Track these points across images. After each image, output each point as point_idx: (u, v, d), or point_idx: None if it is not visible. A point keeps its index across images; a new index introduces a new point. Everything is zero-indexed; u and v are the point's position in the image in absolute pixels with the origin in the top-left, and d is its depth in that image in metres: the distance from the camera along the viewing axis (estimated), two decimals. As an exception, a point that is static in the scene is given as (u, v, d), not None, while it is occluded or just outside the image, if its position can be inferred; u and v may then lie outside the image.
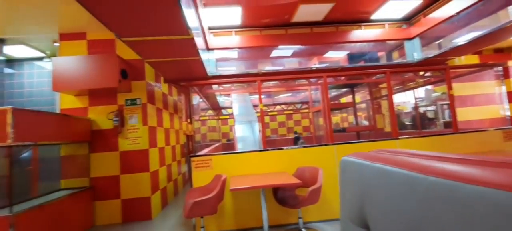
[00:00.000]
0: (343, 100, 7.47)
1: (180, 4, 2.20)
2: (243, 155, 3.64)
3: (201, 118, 8.24)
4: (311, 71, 5.00)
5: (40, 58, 5.43)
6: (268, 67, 5.62)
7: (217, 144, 7.57)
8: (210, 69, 4.38)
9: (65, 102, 4.35)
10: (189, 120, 7.54)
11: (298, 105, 9.36)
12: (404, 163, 0.52)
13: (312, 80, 5.23)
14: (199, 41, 3.29)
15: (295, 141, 7.55)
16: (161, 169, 4.90)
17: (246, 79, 4.39)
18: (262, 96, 4.03)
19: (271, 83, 5.83)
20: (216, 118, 9.85)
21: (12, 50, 4.97)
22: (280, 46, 5.07)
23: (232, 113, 7.46)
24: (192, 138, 7.83)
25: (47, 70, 5.38)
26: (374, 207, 0.58)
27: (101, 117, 4.33)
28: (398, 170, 0.50)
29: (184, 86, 4.48)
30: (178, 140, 6.44)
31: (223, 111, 9.23)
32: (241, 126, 5.59)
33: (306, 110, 9.88)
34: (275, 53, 5.40)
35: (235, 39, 4.77)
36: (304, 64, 5.79)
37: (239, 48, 4.83)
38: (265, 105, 8.10)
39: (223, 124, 10.69)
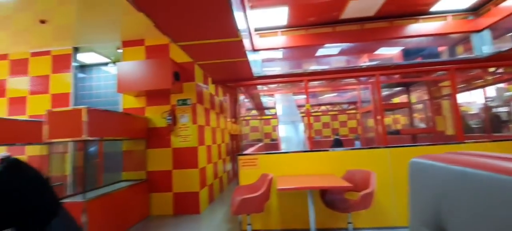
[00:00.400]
0: (396, 100, 6.92)
1: (232, 9, 2.27)
2: (289, 155, 3.61)
3: (246, 118, 8.42)
4: (361, 69, 4.73)
5: (106, 64, 6.10)
6: (314, 67, 5.48)
7: (260, 144, 7.65)
8: (256, 70, 4.45)
9: (127, 102, 4.83)
10: (233, 120, 7.76)
11: (345, 106, 8.96)
12: (487, 165, 0.49)
13: (362, 79, 4.96)
14: (246, 43, 3.36)
15: (335, 144, 7.19)
16: (208, 166, 5.13)
17: (292, 79, 4.35)
18: (304, 97, 3.95)
19: (316, 82, 5.69)
20: (258, 118, 9.97)
21: (84, 57, 5.67)
22: (326, 45, 4.91)
23: (275, 114, 7.47)
24: (236, 137, 8.04)
25: (111, 74, 6.02)
26: (455, 211, 0.55)
27: (156, 115, 4.70)
28: (481, 172, 0.47)
29: (231, 86, 4.62)
30: (223, 138, 6.67)
31: (266, 111, 9.29)
32: (285, 126, 5.55)
33: (353, 111, 9.40)
34: (320, 52, 5.25)
35: (280, 40, 4.76)
36: (352, 63, 5.52)
37: (284, 48, 4.80)
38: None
39: (265, 124, 10.78)
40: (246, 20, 3.46)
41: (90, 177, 4.92)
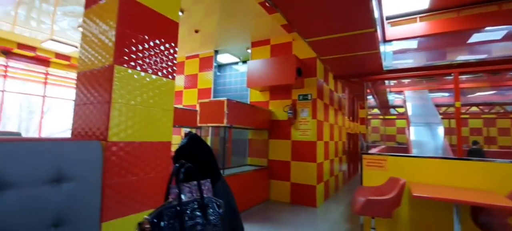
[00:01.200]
0: None
1: (371, -5, 2.15)
2: (427, 161, 3.09)
3: (368, 117, 7.80)
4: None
5: (236, 63, 7.05)
6: (464, 57, 4.43)
7: (382, 146, 6.90)
8: (385, 63, 4.03)
9: (253, 96, 5.42)
10: (351, 117, 7.34)
11: (510, 108, 6.79)
12: None
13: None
14: (377, 33, 3.09)
15: (472, 153, 5.51)
16: (325, 162, 5.09)
17: (436, 72, 3.66)
18: (445, 95, 3.24)
19: (463, 77, 4.60)
20: (380, 117, 9.01)
21: (221, 58, 6.75)
22: (487, 28, 3.86)
23: (403, 113, 6.55)
24: (353, 136, 7.59)
25: (239, 72, 6.91)
26: None
27: (278, 109, 5.05)
28: None
29: (354, 82, 4.38)
30: (340, 136, 6.44)
31: (391, 110, 8.27)
32: (418, 128, 4.79)
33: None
34: (476, 37, 4.18)
35: (417, 27, 4.11)
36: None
37: (423, 36, 4.11)
38: (450, 105, 6.45)
39: (389, 125, 9.60)
40: (379, 7, 3.18)
41: (222, 158, 5.86)
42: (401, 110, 7.74)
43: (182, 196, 1.00)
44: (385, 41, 4.03)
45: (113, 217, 1.35)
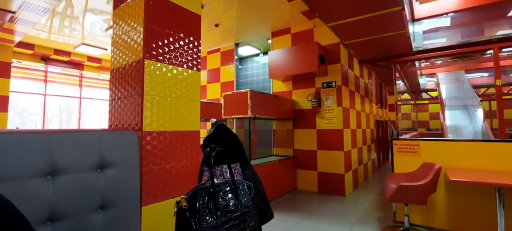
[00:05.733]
0: None
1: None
2: (464, 144, 2.90)
3: (398, 103, 7.46)
4: None
5: (257, 55, 7.05)
6: (505, 31, 4.05)
7: (414, 132, 6.58)
8: (415, 44, 3.80)
9: (276, 86, 5.40)
10: (379, 104, 7.07)
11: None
12: None
13: None
14: (405, 12, 2.92)
15: None
16: (353, 150, 4.96)
17: (472, 49, 3.38)
18: (484, 75, 2.99)
19: (504, 53, 4.22)
20: (411, 102, 8.56)
21: (242, 51, 6.78)
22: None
23: (435, 97, 6.19)
24: (382, 123, 7.31)
25: (261, 63, 6.90)
26: None
27: (302, 98, 4.99)
28: None
29: (381, 66, 4.20)
30: (368, 124, 6.24)
31: (423, 95, 7.82)
32: (453, 112, 4.51)
33: None
34: (519, 9, 3.80)
35: (450, 2, 3.81)
36: None
37: (456, 11, 3.81)
38: (490, 86, 5.93)
39: (421, 111, 9.09)
40: (406, -16, 3.00)
41: (248, 150, 5.94)
42: (434, 94, 7.30)
43: (214, 179, 1.04)
44: (414, 20, 3.79)
45: (152, 201, 1.44)
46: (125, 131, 1.38)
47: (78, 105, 8.17)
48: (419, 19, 3.84)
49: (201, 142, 1.49)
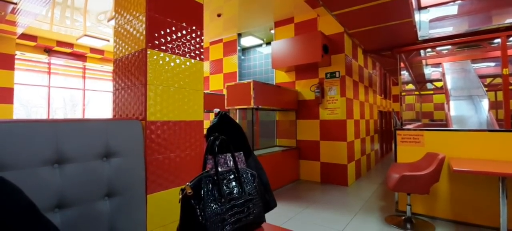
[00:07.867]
0: None
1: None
2: (468, 134, 2.89)
3: (402, 94, 7.40)
4: None
5: (260, 45, 6.99)
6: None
7: (418, 123, 6.55)
8: (421, 33, 3.74)
9: (279, 77, 5.38)
10: (382, 95, 7.02)
11: None
12: None
13: None
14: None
15: None
16: (356, 141, 4.96)
17: (479, 37, 3.31)
18: (491, 64, 2.95)
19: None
20: (415, 93, 8.48)
21: (245, 41, 6.73)
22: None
23: (440, 88, 6.13)
24: (385, 114, 7.28)
25: (264, 54, 6.85)
26: None
27: (305, 89, 4.97)
28: None
29: (386, 56, 4.15)
30: (372, 114, 6.21)
31: (428, 85, 7.74)
32: (458, 102, 4.47)
33: None
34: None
35: (457, -11, 3.73)
36: None
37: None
38: (497, 76, 5.84)
39: (425, 101, 9.02)
40: (413, -29, 2.93)
41: (251, 140, 5.97)
42: (439, 84, 7.22)
43: (218, 167, 1.05)
44: (420, 8, 3.72)
45: (157, 189, 1.46)
46: (130, 120, 1.39)
47: (82, 97, 8.22)
48: (425, 7, 3.77)
49: (205, 132, 1.49)
